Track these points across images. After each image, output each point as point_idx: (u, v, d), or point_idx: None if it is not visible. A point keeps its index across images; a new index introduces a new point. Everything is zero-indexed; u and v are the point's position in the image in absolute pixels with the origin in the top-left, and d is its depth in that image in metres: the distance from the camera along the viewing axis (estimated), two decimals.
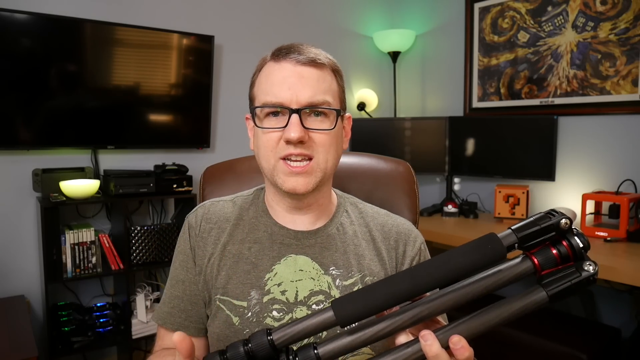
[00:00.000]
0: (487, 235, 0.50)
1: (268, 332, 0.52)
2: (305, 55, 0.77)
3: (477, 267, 0.50)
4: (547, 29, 2.52)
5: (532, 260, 0.50)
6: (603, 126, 2.36)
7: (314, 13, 2.99)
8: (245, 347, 0.51)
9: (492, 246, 0.50)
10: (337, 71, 0.83)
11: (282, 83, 0.76)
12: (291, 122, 0.75)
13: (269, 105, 0.77)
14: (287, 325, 0.53)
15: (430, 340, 0.50)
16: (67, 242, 2.02)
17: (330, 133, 0.78)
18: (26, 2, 2.03)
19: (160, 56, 2.34)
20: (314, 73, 0.77)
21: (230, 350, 0.51)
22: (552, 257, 0.49)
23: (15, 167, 2.10)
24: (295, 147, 0.76)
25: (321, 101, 0.77)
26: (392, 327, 0.52)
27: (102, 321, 2.14)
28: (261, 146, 0.80)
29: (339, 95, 0.82)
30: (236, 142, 2.61)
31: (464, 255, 0.50)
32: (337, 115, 0.79)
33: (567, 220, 0.48)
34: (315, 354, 0.51)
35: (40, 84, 2.05)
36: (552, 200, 2.54)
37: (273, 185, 0.82)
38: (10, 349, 1.55)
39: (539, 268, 0.49)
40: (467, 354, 0.51)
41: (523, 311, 0.50)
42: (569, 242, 0.49)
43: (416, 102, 3.27)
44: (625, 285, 1.91)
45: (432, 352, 0.50)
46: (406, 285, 0.51)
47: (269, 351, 0.51)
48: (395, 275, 0.52)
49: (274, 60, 0.79)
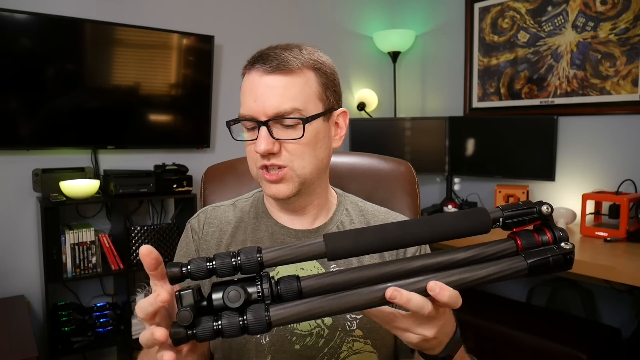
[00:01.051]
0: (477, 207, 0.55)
1: (258, 249, 0.52)
2: (271, 63, 0.75)
3: (464, 231, 0.54)
4: (547, 29, 2.52)
5: (516, 240, 0.55)
6: (603, 126, 2.36)
7: (314, 13, 2.99)
8: (234, 259, 0.51)
9: (480, 216, 0.54)
10: (318, 68, 0.78)
11: (250, 95, 0.76)
12: (260, 135, 0.75)
13: (241, 118, 0.78)
14: (278, 248, 0.53)
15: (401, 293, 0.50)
16: (67, 242, 2.02)
17: (301, 141, 0.76)
18: (26, 2, 2.03)
19: (160, 56, 2.34)
20: (281, 81, 0.75)
21: (219, 259, 0.51)
22: (534, 240, 0.54)
23: (15, 167, 2.09)
24: (268, 159, 0.76)
25: (288, 110, 0.74)
26: (376, 273, 0.53)
27: (102, 321, 2.14)
28: (247, 155, 0.83)
29: (317, 95, 0.78)
30: (236, 142, 2.60)
31: (454, 218, 0.55)
32: (304, 123, 0.75)
33: (548, 206, 0.54)
34: (297, 285, 0.52)
35: (41, 84, 2.05)
36: (552, 200, 2.54)
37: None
38: (10, 349, 1.55)
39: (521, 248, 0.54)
40: (447, 293, 0.51)
41: (501, 275, 0.53)
42: (551, 230, 0.54)
43: (416, 102, 3.27)
44: (625, 285, 1.91)
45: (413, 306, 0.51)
46: (396, 231, 0.54)
47: (255, 267, 0.52)
48: (387, 224, 0.55)
49: (247, 70, 0.79)
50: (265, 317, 0.50)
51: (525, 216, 0.54)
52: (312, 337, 0.79)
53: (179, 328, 0.50)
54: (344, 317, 0.80)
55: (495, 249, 0.55)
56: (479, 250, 0.54)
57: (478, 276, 0.53)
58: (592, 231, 2.13)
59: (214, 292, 0.52)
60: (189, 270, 0.51)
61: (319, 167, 0.80)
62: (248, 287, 0.52)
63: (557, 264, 0.52)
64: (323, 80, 0.79)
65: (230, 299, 0.50)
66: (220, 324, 0.50)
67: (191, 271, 0.51)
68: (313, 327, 0.79)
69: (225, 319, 0.50)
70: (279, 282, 0.53)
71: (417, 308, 0.51)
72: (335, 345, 0.79)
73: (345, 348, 0.79)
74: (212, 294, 0.52)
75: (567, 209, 2.35)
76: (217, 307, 0.51)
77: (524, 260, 0.53)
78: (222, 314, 0.50)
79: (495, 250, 0.55)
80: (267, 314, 0.50)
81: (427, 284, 0.51)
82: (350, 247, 0.53)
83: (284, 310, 0.51)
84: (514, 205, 0.55)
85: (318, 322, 0.79)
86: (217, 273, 0.51)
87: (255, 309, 0.50)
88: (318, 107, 0.78)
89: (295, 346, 0.79)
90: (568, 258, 0.52)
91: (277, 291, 0.52)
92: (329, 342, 0.79)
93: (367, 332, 0.80)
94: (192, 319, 0.49)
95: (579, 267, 1.83)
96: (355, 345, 0.80)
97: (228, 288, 0.51)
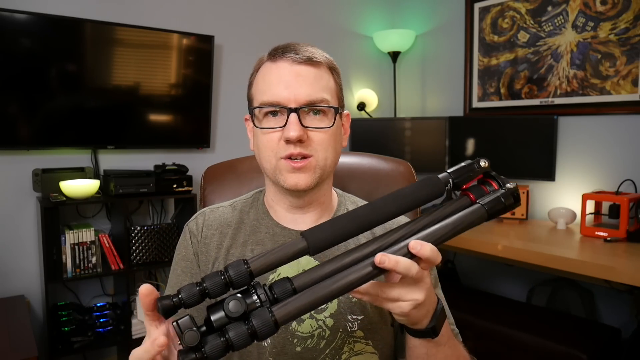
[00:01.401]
0: (428, 176, 0.62)
1: (245, 261, 0.54)
2: (302, 54, 0.77)
3: (424, 198, 0.61)
4: (547, 29, 2.52)
5: (468, 195, 0.62)
6: (603, 126, 2.36)
7: (314, 13, 2.99)
8: (223, 276, 0.52)
9: (433, 182, 0.61)
10: (334, 69, 0.83)
11: (280, 82, 0.77)
12: (290, 121, 0.75)
13: (267, 105, 0.77)
14: (262, 255, 0.55)
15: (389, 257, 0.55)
16: (67, 242, 2.02)
17: (328, 131, 0.78)
18: (26, 2, 2.03)
19: (160, 56, 2.34)
20: (311, 71, 0.77)
21: (208, 280, 0.52)
22: (483, 191, 0.62)
23: (15, 167, 2.09)
24: (295, 147, 0.76)
25: (319, 99, 0.77)
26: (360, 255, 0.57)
27: (102, 321, 2.14)
28: (261, 147, 0.80)
29: (336, 93, 0.82)
30: (236, 142, 2.61)
31: (413, 190, 0.61)
32: (335, 112, 0.79)
33: (485, 160, 0.63)
34: (290, 285, 0.54)
35: (41, 84, 2.05)
36: (552, 200, 2.54)
37: (275, 184, 0.82)
38: (10, 349, 1.55)
39: (474, 199, 0.62)
40: (428, 248, 0.56)
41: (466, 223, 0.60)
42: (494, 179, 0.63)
43: (416, 102, 3.27)
44: (625, 285, 1.91)
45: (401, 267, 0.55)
46: (367, 213, 0.59)
47: (245, 279, 0.53)
48: (357, 208, 0.60)
49: (271, 60, 0.79)
50: (271, 317, 0.51)
51: (470, 172, 0.62)
52: (313, 339, 0.79)
53: (189, 353, 0.49)
54: (345, 318, 0.80)
55: (454, 206, 0.61)
56: (441, 212, 0.61)
57: (447, 229, 0.59)
58: (592, 231, 2.13)
59: (211, 314, 0.51)
60: (181, 298, 0.51)
61: (336, 161, 0.83)
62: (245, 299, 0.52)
63: (508, 201, 0.61)
64: (337, 80, 0.83)
65: (232, 309, 0.50)
66: (229, 337, 0.49)
67: (183, 299, 0.51)
68: (314, 328, 0.79)
69: (232, 331, 0.50)
70: (272, 287, 0.54)
71: (406, 269, 0.55)
72: (336, 347, 0.79)
73: (347, 349, 0.79)
74: (210, 316, 0.51)
75: (567, 209, 2.35)
76: (219, 326, 0.51)
77: (481, 207, 0.60)
78: (228, 327, 0.50)
79: (454, 208, 0.61)
80: (272, 315, 0.51)
81: (408, 244, 0.56)
82: (329, 237, 0.56)
83: (286, 307, 0.52)
84: (458, 166, 0.63)
85: (319, 324, 0.79)
86: (210, 294, 0.52)
87: (259, 313, 0.51)
88: (337, 104, 0.82)
89: (296, 348, 0.78)
90: (515, 195, 0.61)
91: (273, 296, 0.53)
92: (330, 344, 0.79)
93: (368, 333, 0.80)
94: (199, 338, 0.49)
95: (579, 267, 1.83)
96: (357, 346, 0.80)
97: (227, 300, 0.51)
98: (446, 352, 0.69)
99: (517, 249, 2.02)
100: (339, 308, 0.80)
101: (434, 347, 0.67)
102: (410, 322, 0.63)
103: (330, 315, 0.79)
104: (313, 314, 0.79)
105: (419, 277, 0.57)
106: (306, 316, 0.79)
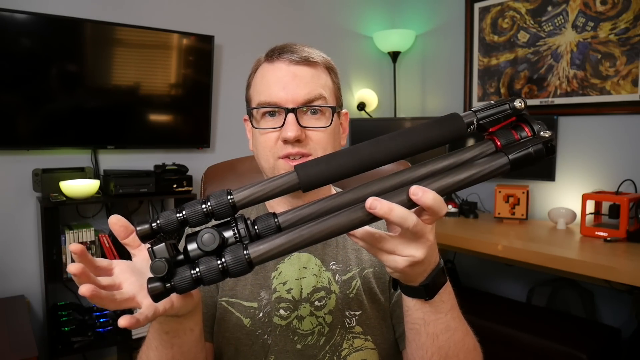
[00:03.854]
0: (450, 114, 0.53)
1: (228, 191, 0.50)
2: (298, 54, 0.78)
3: (439, 139, 0.51)
4: (547, 29, 2.53)
5: (494, 141, 0.53)
6: (603, 126, 2.36)
7: (314, 13, 2.99)
8: (204, 205, 0.49)
9: (453, 121, 0.52)
10: (332, 69, 0.83)
11: (277, 83, 0.77)
12: (287, 121, 0.76)
13: (264, 106, 0.78)
14: (248, 187, 0.51)
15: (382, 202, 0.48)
16: (67, 242, 2.02)
17: (326, 130, 0.79)
18: (26, 2, 2.03)
19: (160, 56, 2.34)
20: (308, 72, 0.78)
21: (188, 208, 0.49)
22: (512, 137, 0.52)
23: (15, 167, 2.09)
24: (293, 147, 0.76)
25: (316, 99, 0.78)
26: (357, 196, 0.51)
27: (102, 321, 2.14)
28: (260, 147, 0.81)
29: (334, 92, 0.82)
30: (236, 142, 2.61)
31: (427, 126, 0.51)
32: (333, 112, 0.79)
33: (521, 100, 0.52)
34: (275, 221, 0.50)
35: (41, 84, 2.05)
36: (552, 200, 2.55)
37: None
38: (10, 349, 1.55)
39: (500, 147, 0.53)
40: (431, 195, 0.49)
41: (483, 173, 0.51)
42: (528, 124, 0.53)
43: (416, 102, 3.27)
44: (625, 285, 1.91)
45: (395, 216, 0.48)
46: (369, 148, 0.51)
47: (227, 210, 0.49)
48: (358, 144, 0.52)
49: (268, 61, 0.80)
50: (244, 255, 0.48)
51: (500, 114, 0.52)
52: (313, 336, 0.79)
53: (156, 282, 0.47)
54: (343, 314, 0.80)
55: (474, 152, 0.53)
56: (458, 156, 0.52)
57: (460, 178, 0.51)
58: (592, 231, 2.13)
59: (188, 243, 0.49)
60: (159, 224, 0.49)
61: None
62: (224, 232, 0.49)
63: (538, 153, 0.51)
64: (335, 80, 0.84)
65: (205, 242, 0.48)
66: (199, 271, 0.47)
67: (161, 225, 0.49)
68: (315, 325, 0.79)
69: (203, 265, 0.48)
70: (255, 221, 0.50)
71: (400, 219, 0.48)
72: (335, 343, 0.79)
73: (346, 345, 0.79)
74: (186, 245, 0.49)
75: (567, 209, 2.35)
76: (194, 257, 0.49)
77: (504, 155, 0.51)
78: (199, 261, 0.48)
79: (474, 153, 0.53)
80: (247, 252, 0.48)
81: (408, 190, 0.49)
82: (324, 173, 0.50)
83: (263, 246, 0.48)
84: (487, 104, 0.53)
85: (319, 320, 0.80)
86: (189, 222, 0.49)
87: (233, 249, 0.48)
88: (335, 103, 0.82)
89: (297, 345, 0.79)
90: (549, 146, 0.51)
91: (255, 231, 0.50)
92: (329, 340, 0.79)
93: (366, 329, 0.80)
94: (166, 269, 0.47)
95: (579, 267, 1.83)
96: (356, 342, 0.80)
97: (201, 232, 0.48)
98: (448, 323, 0.62)
99: (517, 249, 2.02)
100: (337, 304, 0.80)
101: (431, 313, 0.61)
102: (404, 278, 0.58)
103: (329, 312, 0.80)
104: (313, 312, 0.80)
105: (418, 231, 0.51)
106: (307, 313, 0.79)
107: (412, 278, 0.57)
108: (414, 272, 0.56)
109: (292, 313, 0.79)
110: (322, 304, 0.80)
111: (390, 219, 0.48)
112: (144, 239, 0.50)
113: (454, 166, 0.52)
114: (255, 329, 0.79)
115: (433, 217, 0.51)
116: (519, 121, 0.53)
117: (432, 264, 0.57)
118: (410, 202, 0.49)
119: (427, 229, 0.52)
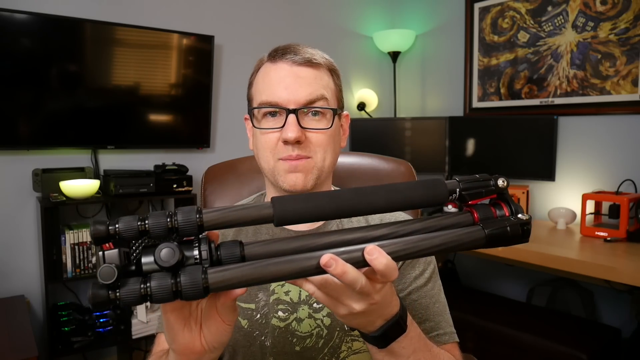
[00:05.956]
0: (434, 179, 0.53)
1: (198, 209, 0.47)
2: (301, 55, 0.78)
3: (420, 201, 0.52)
4: (547, 29, 2.53)
5: (473, 213, 0.53)
6: (603, 126, 2.36)
7: (314, 13, 2.99)
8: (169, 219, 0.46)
9: (436, 186, 0.52)
10: (334, 70, 0.83)
11: (279, 83, 0.77)
12: (288, 122, 0.75)
13: (266, 106, 0.78)
14: (220, 209, 0.48)
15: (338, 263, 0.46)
16: (67, 242, 2.02)
17: (327, 132, 0.78)
18: (26, 2, 2.03)
19: (160, 56, 2.34)
20: (311, 73, 0.78)
21: (152, 218, 0.46)
22: (491, 213, 0.53)
23: (15, 167, 2.09)
24: (293, 149, 0.76)
25: (318, 100, 0.77)
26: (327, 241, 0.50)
27: (102, 321, 2.13)
28: (260, 147, 0.80)
29: (336, 94, 0.82)
30: (236, 142, 2.61)
31: (410, 187, 0.52)
32: (334, 114, 0.79)
33: (504, 179, 0.53)
34: (240, 251, 0.48)
35: (40, 84, 2.05)
36: (552, 200, 2.55)
37: (274, 185, 0.82)
38: (10, 349, 1.55)
39: (478, 220, 0.53)
40: (384, 261, 0.47)
41: (457, 243, 0.51)
42: (508, 204, 0.53)
43: (416, 102, 3.27)
44: (625, 285, 1.91)
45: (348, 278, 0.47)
46: (350, 197, 0.50)
47: (193, 229, 0.46)
48: (341, 189, 0.51)
49: (271, 61, 0.80)
50: (202, 279, 0.45)
51: (482, 188, 0.53)
52: (312, 338, 0.79)
53: (100, 289, 0.44)
54: None
55: (452, 220, 0.53)
56: (435, 222, 0.53)
57: (434, 243, 0.50)
58: (592, 231, 2.13)
59: (144, 255, 0.46)
60: (117, 229, 0.45)
61: (334, 162, 0.83)
62: (185, 251, 0.46)
63: (514, 234, 0.51)
64: (337, 82, 0.84)
65: (163, 257, 0.44)
66: (149, 286, 0.44)
67: (119, 230, 0.45)
68: (313, 327, 0.79)
69: (155, 281, 0.44)
70: (219, 247, 0.48)
71: (351, 282, 0.48)
72: (334, 345, 0.79)
73: (345, 348, 0.79)
74: (141, 257, 0.46)
75: (567, 209, 2.35)
76: (147, 271, 0.46)
77: (482, 229, 0.51)
78: (152, 276, 0.45)
79: (451, 222, 0.53)
80: (205, 276, 0.45)
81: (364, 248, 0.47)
82: (300, 211, 0.48)
83: (223, 274, 0.45)
84: (471, 178, 0.53)
85: (318, 323, 0.79)
86: (150, 234, 0.46)
87: (191, 271, 0.45)
88: (336, 105, 0.82)
89: (296, 347, 0.79)
90: (525, 229, 0.51)
91: (217, 256, 0.47)
92: (328, 343, 0.79)
93: None
94: (115, 277, 0.43)
95: (579, 267, 1.83)
96: (355, 344, 0.80)
97: (160, 245, 0.45)
98: None
99: (517, 249, 2.02)
100: None
101: (390, 357, 0.59)
102: (349, 325, 0.57)
103: (328, 314, 0.80)
104: (312, 314, 0.79)
105: (364, 292, 0.50)
106: (305, 315, 0.79)
107: (357, 326, 0.56)
108: (355, 321, 0.55)
109: (291, 315, 0.79)
110: (320, 306, 0.80)
111: (342, 280, 0.48)
112: (98, 241, 0.46)
113: (430, 230, 0.52)
114: (252, 330, 0.79)
115: (383, 279, 0.50)
116: (499, 199, 0.54)
117: (380, 319, 0.56)
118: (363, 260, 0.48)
119: (372, 290, 0.51)
